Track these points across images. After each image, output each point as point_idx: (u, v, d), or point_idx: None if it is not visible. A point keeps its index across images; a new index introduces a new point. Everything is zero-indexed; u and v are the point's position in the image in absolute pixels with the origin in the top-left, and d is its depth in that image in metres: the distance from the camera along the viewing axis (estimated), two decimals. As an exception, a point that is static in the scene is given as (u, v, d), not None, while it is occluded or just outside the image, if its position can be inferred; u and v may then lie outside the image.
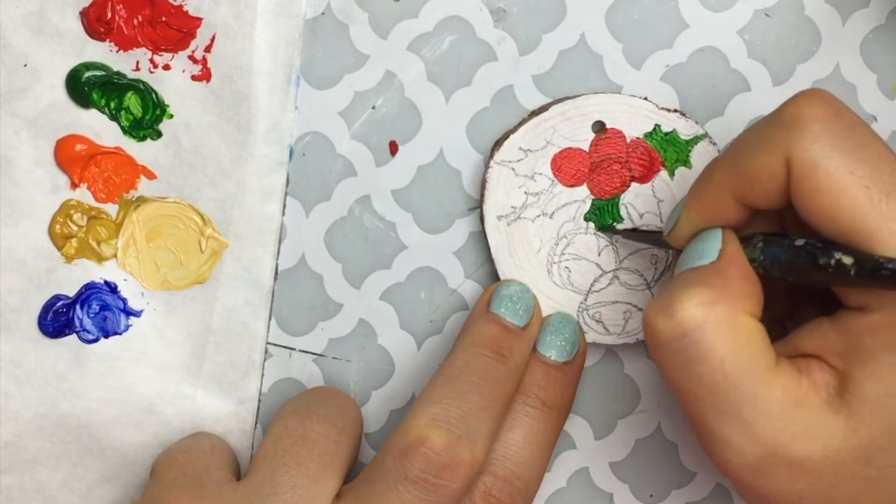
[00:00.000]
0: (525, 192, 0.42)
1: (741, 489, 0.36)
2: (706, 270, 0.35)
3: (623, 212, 0.42)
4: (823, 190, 0.33)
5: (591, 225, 0.42)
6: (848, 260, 0.33)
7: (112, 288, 0.44)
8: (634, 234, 0.42)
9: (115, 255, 0.44)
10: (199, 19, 0.42)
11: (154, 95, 0.43)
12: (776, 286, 0.36)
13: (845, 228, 0.33)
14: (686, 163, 0.42)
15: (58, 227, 0.43)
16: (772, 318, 0.35)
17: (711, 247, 0.36)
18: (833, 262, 0.34)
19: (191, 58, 0.43)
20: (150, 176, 0.43)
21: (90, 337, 0.44)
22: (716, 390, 0.34)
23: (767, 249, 0.35)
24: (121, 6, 0.42)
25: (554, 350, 0.41)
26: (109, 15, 0.42)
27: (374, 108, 0.43)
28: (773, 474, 0.34)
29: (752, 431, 0.34)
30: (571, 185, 0.42)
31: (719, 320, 0.34)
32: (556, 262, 0.43)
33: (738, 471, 0.35)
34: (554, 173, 0.42)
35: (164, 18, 0.42)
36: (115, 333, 0.44)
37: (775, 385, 0.34)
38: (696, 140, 0.42)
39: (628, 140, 0.42)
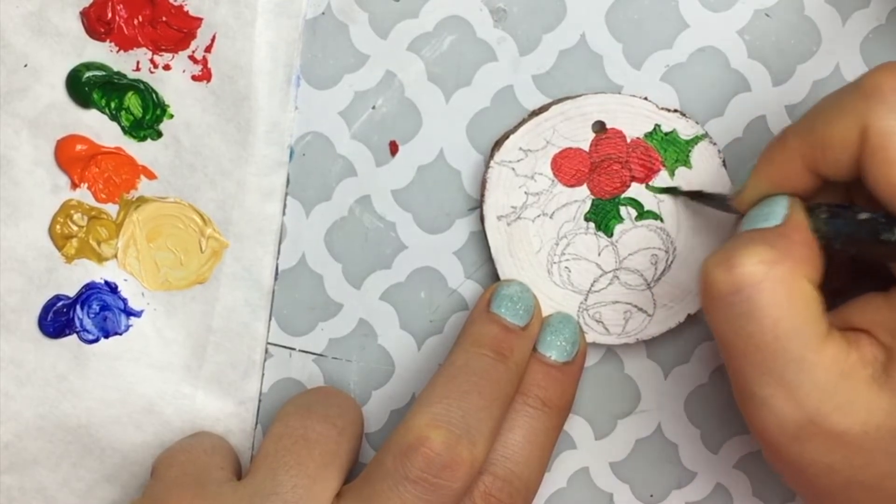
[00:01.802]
0: (525, 192, 0.42)
1: (772, 454, 0.35)
2: (770, 232, 0.35)
3: (623, 212, 0.42)
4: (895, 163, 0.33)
5: (592, 225, 0.42)
6: None
7: (112, 288, 0.44)
8: (698, 196, 0.41)
9: (116, 256, 0.44)
10: (200, 19, 0.42)
11: (154, 95, 0.43)
12: (834, 259, 0.36)
13: None
14: (686, 163, 0.42)
15: (58, 227, 0.43)
16: (827, 290, 0.35)
17: (777, 211, 0.36)
18: (895, 238, 0.34)
19: (191, 58, 0.43)
20: (151, 176, 0.43)
21: (90, 337, 0.44)
22: (765, 350, 0.34)
23: (831, 220, 0.35)
24: (121, 6, 0.42)
25: (554, 350, 0.41)
26: (110, 15, 0.42)
27: (374, 108, 0.43)
28: (809, 442, 0.34)
29: (796, 397, 0.34)
30: (571, 185, 0.42)
31: (779, 280, 0.34)
32: (556, 262, 0.43)
33: (775, 435, 0.34)
34: (554, 173, 0.42)
35: (164, 18, 0.42)
36: (116, 333, 0.44)
37: (825, 353, 0.34)
38: (696, 140, 0.42)
39: (628, 140, 0.42)
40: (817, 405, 0.33)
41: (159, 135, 0.43)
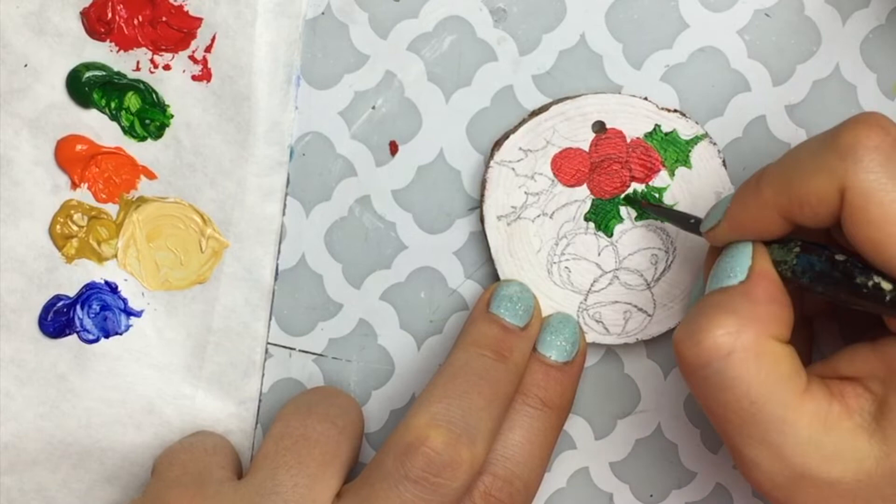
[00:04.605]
0: (525, 192, 0.42)
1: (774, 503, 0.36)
2: (733, 294, 0.35)
3: (623, 212, 0.42)
4: (874, 222, 0.33)
5: (592, 225, 0.42)
6: (887, 286, 0.33)
7: (112, 288, 0.44)
8: (660, 209, 0.41)
9: (116, 255, 0.44)
10: (200, 19, 0.42)
11: (154, 95, 0.43)
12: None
13: (894, 262, 0.33)
14: (686, 163, 0.42)
15: (58, 227, 0.43)
16: (803, 316, 0.36)
17: (741, 264, 0.36)
18: (871, 283, 0.34)
19: (191, 58, 0.43)
20: (151, 176, 0.43)
21: (90, 337, 0.44)
22: (743, 416, 0.34)
23: (803, 255, 0.35)
24: (121, 6, 0.42)
25: (554, 350, 0.41)
26: (110, 15, 0.42)
27: (374, 108, 0.43)
28: (804, 493, 0.34)
29: (781, 455, 0.34)
30: (571, 185, 0.42)
31: (745, 349, 0.34)
32: (556, 262, 0.43)
33: (770, 490, 0.35)
34: (554, 173, 0.42)
35: (164, 18, 0.42)
36: (116, 333, 0.44)
37: (803, 410, 0.34)
38: (696, 140, 0.42)
39: (628, 140, 0.42)
40: (803, 459, 0.34)
41: (159, 135, 0.43)
